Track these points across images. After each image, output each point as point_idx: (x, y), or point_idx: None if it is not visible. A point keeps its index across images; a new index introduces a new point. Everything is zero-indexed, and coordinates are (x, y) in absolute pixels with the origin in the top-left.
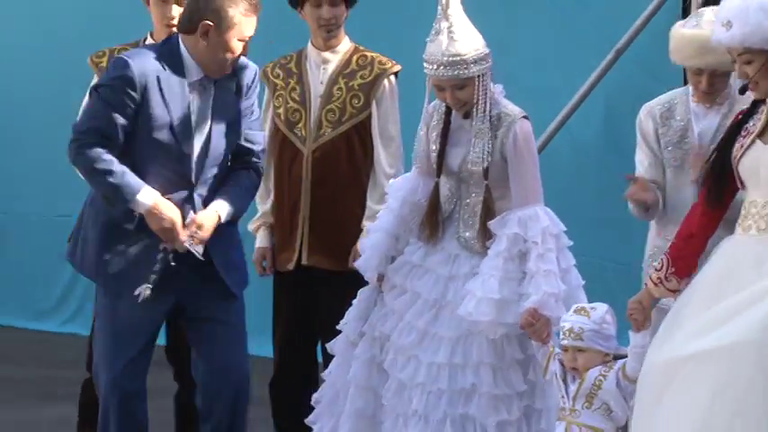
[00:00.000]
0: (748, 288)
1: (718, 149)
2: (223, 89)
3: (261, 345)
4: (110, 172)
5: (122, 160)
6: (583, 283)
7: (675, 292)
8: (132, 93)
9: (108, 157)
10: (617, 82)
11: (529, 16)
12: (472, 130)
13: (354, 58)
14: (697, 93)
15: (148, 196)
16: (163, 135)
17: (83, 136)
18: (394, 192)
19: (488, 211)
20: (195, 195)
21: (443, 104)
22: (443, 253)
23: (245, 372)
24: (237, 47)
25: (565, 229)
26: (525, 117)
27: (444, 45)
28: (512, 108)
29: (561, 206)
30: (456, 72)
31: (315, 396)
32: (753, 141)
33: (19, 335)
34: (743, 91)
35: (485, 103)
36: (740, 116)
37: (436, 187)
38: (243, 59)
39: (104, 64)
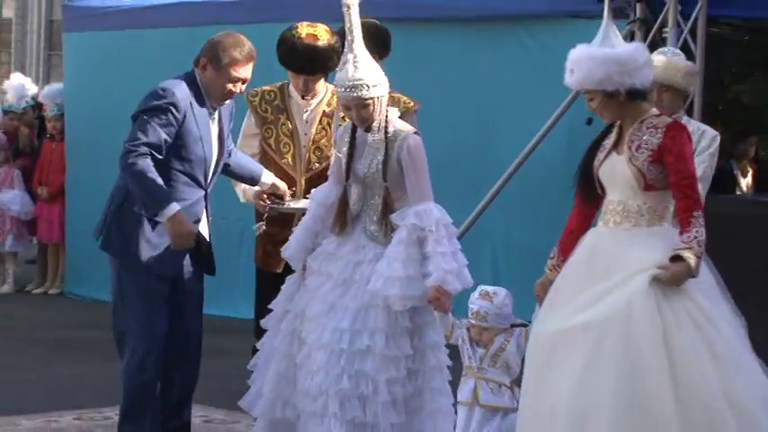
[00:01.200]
0: (614, 268)
1: (583, 162)
2: (222, 114)
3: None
4: (154, 181)
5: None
6: (467, 263)
7: None
8: (177, 114)
9: (154, 169)
10: (578, 112)
11: (512, 57)
12: (374, 144)
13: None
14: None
15: (176, 207)
16: (197, 148)
17: (138, 148)
18: (312, 197)
19: (388, 209)
20: (207, 195)
21: (350, 125)
22: (353, 243)
23: (201, 329)
24: (230, 87)
25: (452, 221)
26: (416, 133)
27: (350, 72)
28: (405, 126)
29: (534, 209)
30: (359, 93)
31: (251, 362)
32: (609, 153)
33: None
34: (589, 122)
35: (382, 119)
36: (599, 135)
37: (344, 191)
38: None
39: (257, 102)
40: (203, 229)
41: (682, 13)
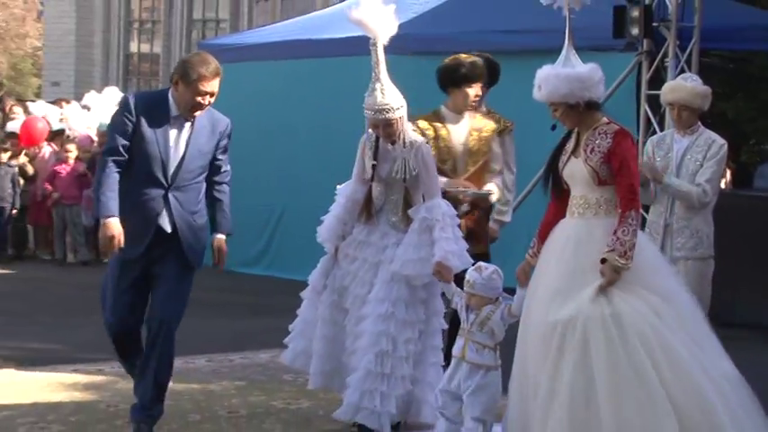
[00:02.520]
0: (583, 260)
1: (549, 165)
2: (200, 128)
3: None
4: (104, 191)
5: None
6: (467, 247)
7: None
8: (131, 119)
9: (111, 178)
10: None
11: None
12: (396, 153)
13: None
14: (675, 124)
15: (107, 216)
16: (153, 149)
17: (103, 157)
18: (341, 193)
19: (407, 204)
20: (170, 194)
21: (374, 136)
22: (379, 232)
23: (166, 315)
24: (198, 100)
25: (457, 213)
26: (427, 143)
27: (378, 98)
28: (417, 137)
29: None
30: (386, 115)
31: (290, 326)
32: (569, 157)
33: (238, 277)
34: (554, 128)
35: (403, 135)
36: (560, 141)
37: (370, 189)
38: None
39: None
40: (164, 222)
41: (679, 46)
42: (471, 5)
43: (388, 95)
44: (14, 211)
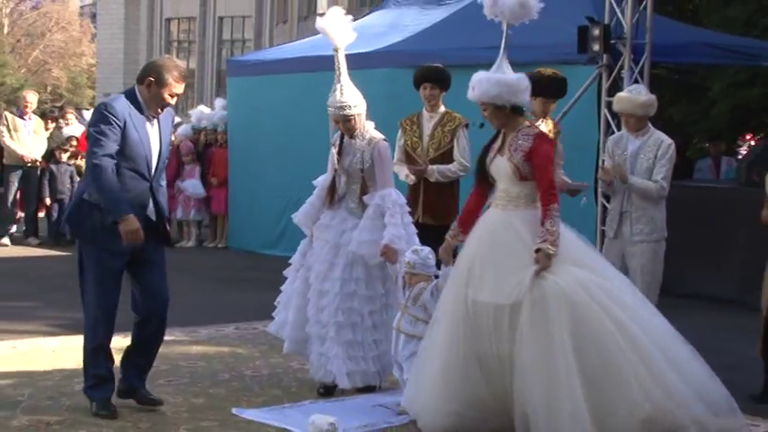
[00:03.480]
0: (512, 246)
1: (479, 160)
2: (165, 122)
3: None
4: (113, 192)
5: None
6: (417, 231)
7: (461, 240)
8: (119, 123)
9: (113, 180)
10: None
11: None
12: (356, 147)
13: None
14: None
15: (126, 213)
16: (139, 148)
17: (100, 161)
18: (316, 183)
19: (363, 192)
20: (152, 186)
21: (340, 132)
22: (340, 217)
23: (168, 294)
24: (168, 99)
25: (406, 202)
26: (385, 140)
27: (338, 97)
28: (377, 134)
29: None
30: (344, 113)
31: (277, 300)
32: (496, 154)
33: (261, 257)
34: (482, 126)
35: (362, 131)
36: (489, 140)
37: (334, 178)
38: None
39: (407, 126)
40: (151, 212)
41: (633, 60)
42: (458, 25)
43: (347, 95)
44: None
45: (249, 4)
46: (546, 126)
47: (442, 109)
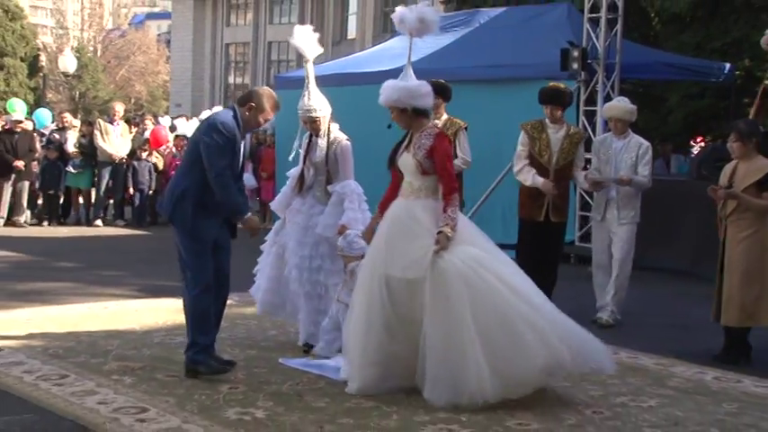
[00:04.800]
0: (413, 230)
1: (390, 156)
2: (246, 137)
3: None
4: (236, 197)
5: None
6: (370, 216)
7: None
8: (235, 142)
9: (233, 186)
10: None
11: (514, 101)
12: (322, 144)
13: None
14: (613, 131)
15: (247, 213)
16: (237, 161)
17: (224, 172)
18: (289, 174)
19: (328, 182)
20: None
21: (309, 133)
22: (308, 204)
23: (229, 271)
24: (261, 123)
25: (362, 191)
26: (348, 140)
27: (306, 101)
28: (341, 135)
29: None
30: (310, 115)
31: (255, 269)
32: (403, 151)
33: None
34: (389, 126)
35: (327, 130)
36: (401, 139)
37: (303, 170)
38: None
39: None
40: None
41: (606, 76)
42: (458, 49)
43: (313, 100)
44: (151, 191)
45: (292, 31)
46: (563, 130)
47: (446, 116)
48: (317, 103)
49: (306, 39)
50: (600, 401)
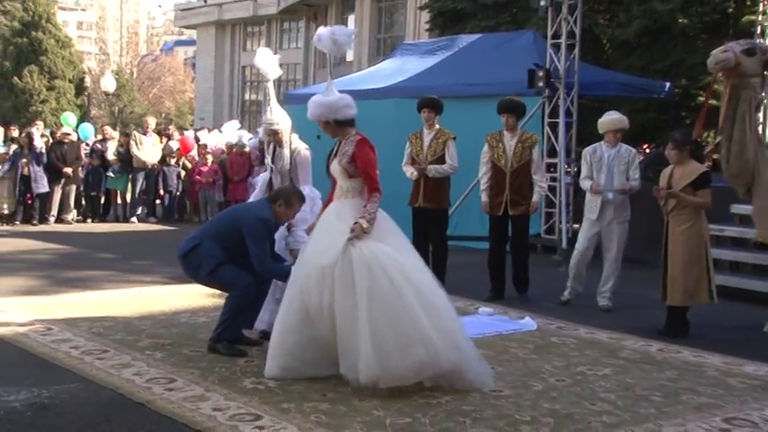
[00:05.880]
0: (335, 225)
1: (326, 163)
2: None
3: None
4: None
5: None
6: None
7: None
8: (271, 233)
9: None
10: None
11: (487, 114)
12: (285, 154)
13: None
14: (610, 141)
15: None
16: (272, 244)
17: (266, 259)
18: (258, 181)
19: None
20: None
21: (274, 143)
22: None
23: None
24: (290, 216)
25: (320, 195)
26: (307, 149)
27: (268, 116)
28: (301, 145)
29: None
30: (272, 128)
31: None
32: (333, 158)
33: None
34: (318, 137)
35: (288, 141)
36: (333, 147)
37: (270, 177)
38: None
39: (413, 139)
40: None
41: (566, 93)
42: (446, 68)
43: (275, 114)
44: (178, 193)
45: (298, 54)
46: (516, 137)
47: (437, 127)
48: (278, 117)
49: (267, 60)
50: (562, 371)
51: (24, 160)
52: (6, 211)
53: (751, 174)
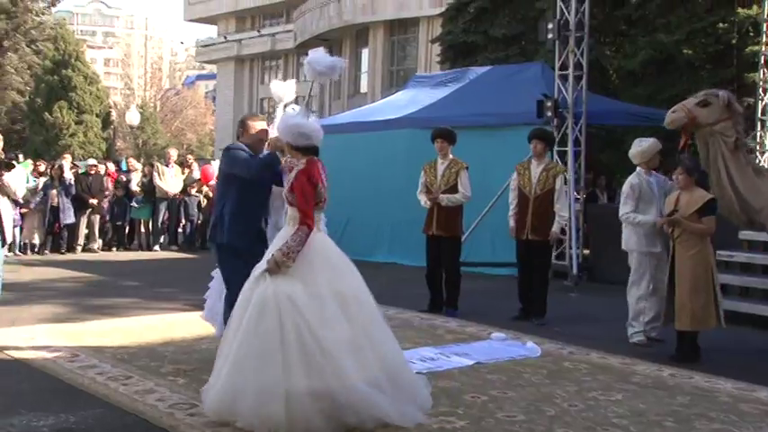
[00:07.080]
0: (268, 254)
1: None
2: None
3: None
4: None
5: None
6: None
7: None
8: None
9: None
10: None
11: (500, 142)
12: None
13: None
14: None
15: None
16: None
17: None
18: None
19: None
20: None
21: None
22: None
23: None
24: (252, 141)
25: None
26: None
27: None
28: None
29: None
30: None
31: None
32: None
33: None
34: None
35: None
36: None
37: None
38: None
39: (427, 169)
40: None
41: (574, 122)
42: (458, 100)
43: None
44: (199, 222)
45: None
46: (542, 165)
47: (451, 156)
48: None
49: (283, 86)
50: (575, 396)
51: (54, 191)
52: (37, 241)
53: (738, 210)
